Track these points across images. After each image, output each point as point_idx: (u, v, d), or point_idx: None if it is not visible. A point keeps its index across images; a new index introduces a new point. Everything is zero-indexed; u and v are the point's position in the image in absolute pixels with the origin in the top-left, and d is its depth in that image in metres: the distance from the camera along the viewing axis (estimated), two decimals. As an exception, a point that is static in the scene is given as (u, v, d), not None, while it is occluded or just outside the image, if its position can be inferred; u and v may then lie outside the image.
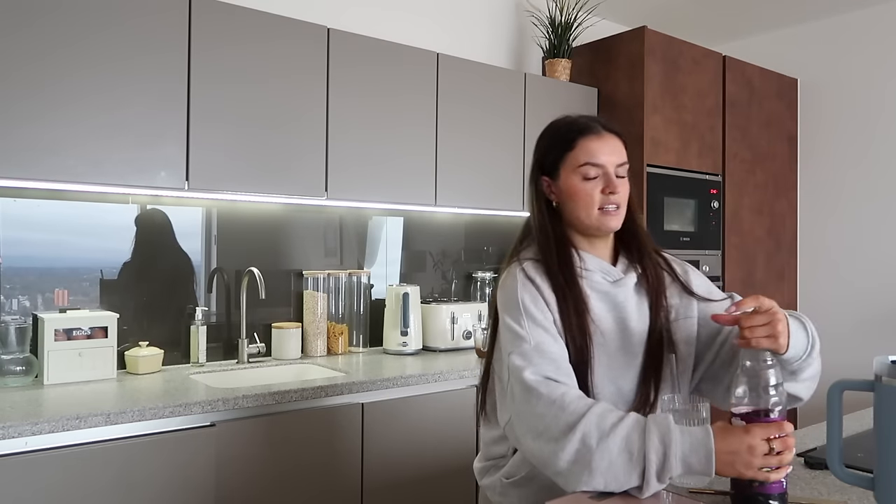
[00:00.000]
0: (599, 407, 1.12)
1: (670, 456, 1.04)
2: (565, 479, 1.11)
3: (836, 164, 3.80)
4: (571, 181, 1.29)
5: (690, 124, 3.32)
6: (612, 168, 1.28)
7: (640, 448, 1.06)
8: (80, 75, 1.97)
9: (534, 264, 1.29)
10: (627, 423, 1.09)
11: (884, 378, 0.99)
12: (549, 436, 1.12)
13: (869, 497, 1.12)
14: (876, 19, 3.64)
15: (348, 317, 2.84)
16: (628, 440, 1.07)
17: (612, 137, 1.30)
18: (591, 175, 1.27)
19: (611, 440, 1.07)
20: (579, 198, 1.28)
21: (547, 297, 1.25)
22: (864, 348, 3.60)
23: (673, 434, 1.06)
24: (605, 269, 1.31)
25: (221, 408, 1.89)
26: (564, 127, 1.32)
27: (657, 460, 1.05)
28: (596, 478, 1.07)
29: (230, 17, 2.24)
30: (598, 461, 1.07)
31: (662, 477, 1.05)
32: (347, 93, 2.49)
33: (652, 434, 1.06)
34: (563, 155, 1.30)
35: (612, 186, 1.27)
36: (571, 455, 1.09)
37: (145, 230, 2.41)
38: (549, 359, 1.20)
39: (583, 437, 1.08)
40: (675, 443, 1.05)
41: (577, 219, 1.30)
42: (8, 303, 2.15)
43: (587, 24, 3.47)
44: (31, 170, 1.91)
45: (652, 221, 3.14)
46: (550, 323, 1.23)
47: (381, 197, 2.62)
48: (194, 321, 2.43)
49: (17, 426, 1.60)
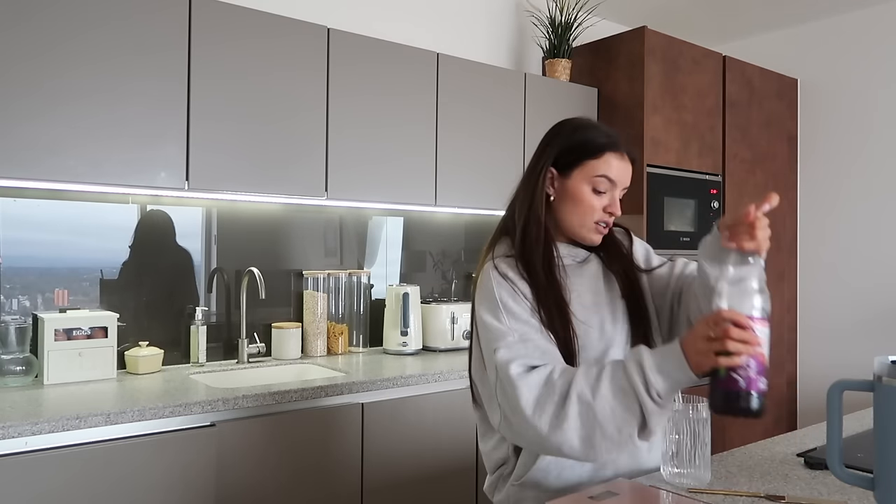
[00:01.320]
0: (582, 367, 1.17)
1: (647, 371, 1.08)
2: (583, 451, 1.12)
3: (835, 164, 3.80)
4: (581, 187, 1.29)
5: (690, 124, 3.32)
6: (620, 189, 1.31)
7: (624, 378, 1.10)
8: (80, 75, 1.97)
9: (506, 260, 1.30)
10: (609, 367, 1.14)
11: (884, 378, 0.99)
12: (549, 416, 1.13)
13: (869, 497, 1.12)
14: (876, 19, 3.64)
15: (348, 317, 2.84)
16: (614, 379, 1.11)
17: (629, 163, 1.33)
18: (601, 188, 1.29)
19: (602, 387, 1.11)
20: (582, 206, 1.29)
21: (524, 292, 1.26)
22: (864, 348, 3.60)
23: (643, 353, 1.11)
24: (572, 253, 1.36)
25: (221, 408, 1.89)
26: (596, 134, 1.31)
27: (640, 380, 1.09)
28: (608, 429, 1.10)
29: (230, 17, 2.24)
30: (601, 411, 1.10)
31: (651, 394, 1.08)
32: (347, 92, 2.49)
33: (629, 362, 1.12)
34: (585, 160, 1.29)
35: (614, 206, 1.30)
36: (576, 420, 1.11)
37: (145, 230, 2.41)
38: (535, 346, 1.21)
39: (579, 397, 1.12)
40: (646, 359, 1.10)
41: (568, 222, 1.31)
42: (8, 303, 2.15)
43: (587, 24, 3.47)
44: (31, 170, 1.91)
45: (652, 221, 3.14)
46: (530, 316, 1.24)
47: (381, 197, 2.62)
48: (194, 321, 2.43)
49: (17, 426, 1.60)
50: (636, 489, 1.17)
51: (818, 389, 3.78)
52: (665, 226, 3.22)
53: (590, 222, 1.29)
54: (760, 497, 1.16)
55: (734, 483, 1.24)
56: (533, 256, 1.27)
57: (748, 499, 1.15)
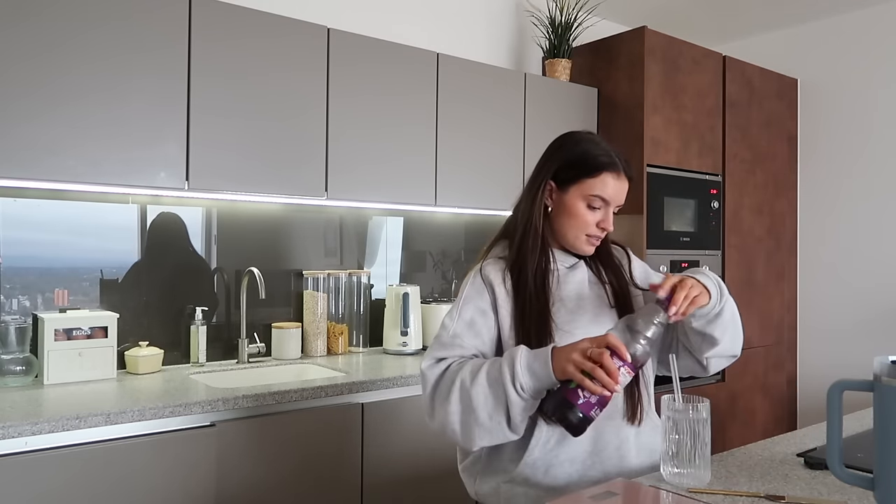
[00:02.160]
0: (479, 359, 1.28)
1: (516, 365, 1.18)
2: (462, 434, 1.22)
3: (835, 164, 3.80)
4: (576, 203, 1.35)
5: (690, 124, 3.32)
6: (614, 206, 1.37)
7: (497, 370, 1.20)
8: (80, 75, 1.97)
9: (496, 264, 1.37)
10: (492, 360, 1.24)
11: (884, 378, 0.99)
12: (439, 401, 1.25)
13: (869, 497, 1.12)
14: (876, 19, 3.64)
15: (348, 317, 2.84)
16: (490, 370, 1.21)
17: (626, 182, 1.38)
18: (595, 205, 1.35)
19: (480, 376, 1.21)
20: (576, 220, 1.36)
21: (497, 298, 1.33)
22: (864, 348, 3.60)
23: (520, 351, 1.21)
24: (562, 259, 1.41)
25: (221, 408, 1.89)
26: (595, 151, 1.37)
27: (509, 373, 1.18)
28: (480, 415, 1.20)
29: (230, 17, 2.24)
30: (475, 398, 1.20)
31: (516, 386, 1.17)
32: (347, 93, 2.49)
33: (506, 356, 1.22)
34: (583, 178, 1.35)
35: (606, 223, 1.36)
36: (457, 405, 1.22)
37: (144, 230, 2.41)
38: (458, 346, 1.30)
39: (461, 383, 1.22)
40: (520, 356, 1.19)
41: (563, 233, 1.38)
42: (8, 303, 2.15)
43: (587, 24, 3.47)
44: (31, 170, 1.91)
45: (652, 221, 3.14)
46: (485, 325, 1.32)
47: (381, 197, 2.62)
48: (194, 321, 2.43)
49: (17, 426, 1.60)
50: (636, 489, 1.17)
51: (818, 389, 3.78)
52: (665, 226, 3.21)
53: (583, 236, 1.36)
54: (760, 497, 1.16)
55: (734, 483, 1.24)
56: (527, 263, 1.34)
57: (748, 499, 1.15)
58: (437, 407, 1.26)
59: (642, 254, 3.08)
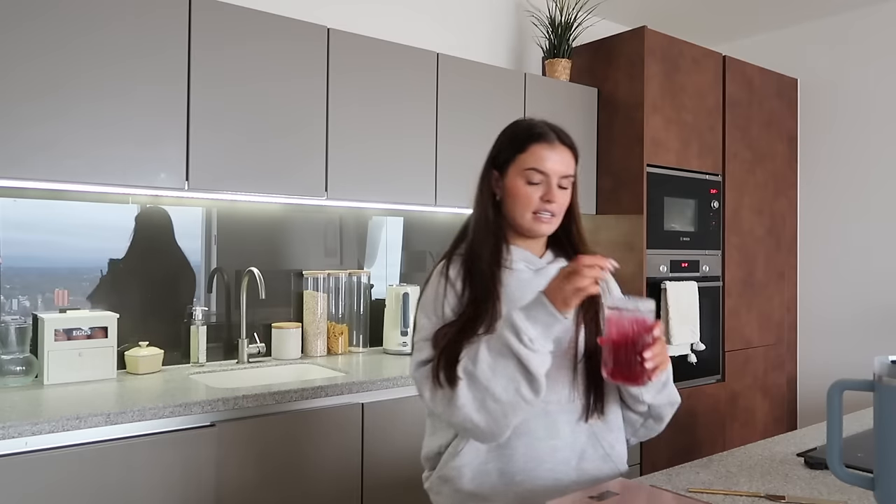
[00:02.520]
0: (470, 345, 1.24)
1: (515, 320, 1.17)
2: (484, 421, 1.19)
3: (836, 164, 3.80)
4: (515, 182, 1.33)
5: (690, 124, 3.31)
6: (556, 178, 1.32)
7: (497, 340, 1.19)
8: (80, 75, 1.97)
9: (456, 260, 1.36)
10: (486, 338, 1.22)
11: (884, 378, 0.99)
12: (448, 399, 1.21)
13: (869, 497, 1.12)
14: (876, 19, 3.64)
15: (348, 317, 2.84)
16: (490, 344, 1.20)
17: (564, 149, 1.34)
18: (534, 180, 1.32)
19: (481, 355, 1.19)
20: (518, 199, 1.33)
21: (458, 290, 1.32)
22: (864, 348, 3.60)
23: (512, 311, 1.20)
24: (528, 259, 1.37)
25: (221, 408, 1.89)
26: (523, 129, 1.37)
27: (511, 332, 1.17)
28: (495, 390, 1.17)
29: (230, 17, 2.24)
30: (482, 375, 1.17)
31: (524, 340, 1.16)
32: (347, 93, 2.49)
33: (502, 325, 1.20)
34: (515, 155, 1.35)
35: (550, 195, 1.31)
36: (467, 395, 1.18)
37: (145, 230, 2.41)
38: (434, 343, 1.28)
39: (464, 370, 1.20)
40: (515, 314, 1.19)
41: (512, 218, 1.35)
42: (8, 303, 2.15)
43: (587, 24, 3.47)
44: (31, 170, 1.91)
45: (652, 221, 3.14)
46: (449, 313, 1.30)
47: (381, 197, 2.62)
48: (194, 321, 2.43)
49: (17, 426, 1.60)
50: (636, 489, 1.17)
51: (818, 389, 3.78)
52: (665, 226, 3.21)
53: (529, 214, 1.32)
54: (760, 497, 1.16)
55: (734, 483, 1.24)
56: (482, 252, 1.33)
57: (748, 499, 1.16)
58: (446, 407, 1.22)
59: (642, 254, 3.09)
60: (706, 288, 3.36)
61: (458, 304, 1.31)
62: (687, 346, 3.23)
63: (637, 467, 3.04)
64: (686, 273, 3.29)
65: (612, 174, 3.23)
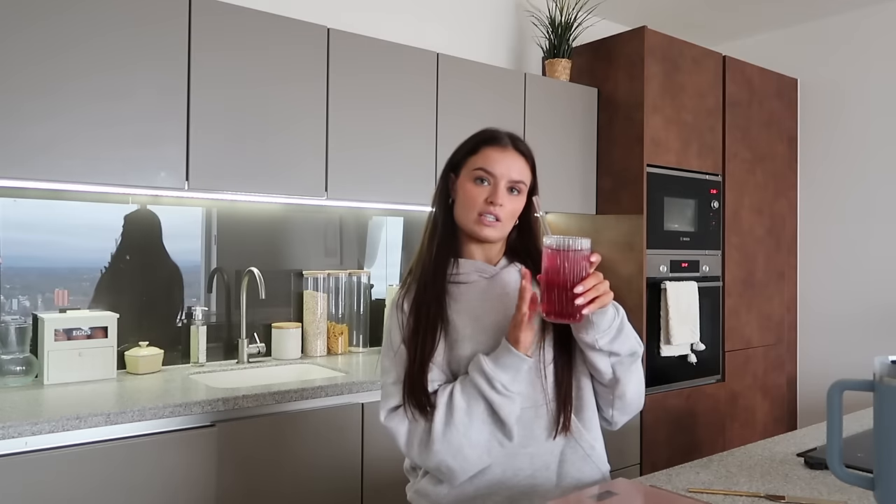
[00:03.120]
0: (441, 391, 1.24)
1: (484, 367, 1.20)
2: (458, 468, 1.21)
3: (836, 164, 3.80)
4: (465, 183, 1.33)
5: (690, 124, 3.31)
6: (504, 181, 1.30)
7: (471, 385, 1.21)
8: (81, 75, 1.97)
9: (412, 288, 1.35)
10: (458, 381, 1.24)
11: (884, 378, 0.99)
12: (423, 447, 1.23)
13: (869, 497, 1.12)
14: (876, 19, 3.64)
15: (348, 317, 2.84)
16: (464, 388, 1.22)
17: (515, 154, 1.33)
18: (482, 180, 1.31)
19: (456, 402, 1.21)
20: (466, 199, 1.32)
21: (409, 314, 1.32)
22: (864, 348, 3.60)
23: (480, 357, 1.22)
24: (480, 269, 1.35)
25: (221, 408, 1.89)
26: (479, 134, 1.38)
27: (482, 379, 1.20)
28: (472, 435, 1.20)
29: (230, 17, 2.24)
30: (460, 422, 1.20)
31: (489, 376, 1.19)
32: (347, 93, 2.49)
33: (472, 370, 1.22)
34: (467, 157, 1.35)
35: (495, 197, 1.29)
36: (442, 442, 1.20)
37: (145, 230, 2.41)
38: (401, 387, 1.27)
39: (441, 417, 1.21)
40: (483, 360, 1.21)
41: (459, 219, 1.34)
42: (8, 303, 2.15)
43: (587, 24, 3.47)
44: (31, 170, 1.91)
45: (652, 221, 3.14)
46: (403, 345, 1.29)
47: (381, 197, 2.62)
48: (194, 321, 2.43)
49: (17, 426, 1.60)
50: (636, 489, 1.17)
51: (818, 389, 3.78)
52: (665, 226, 3.21)
53: (474, 215, 1.30)
54: (760, 497, 1.16)
55: (734, 483, 1.24)
56: (425, 272, 1.32)
57: (748, 499, 1.16)
58: (421, 452, 1.23)
59: (642, 254, 3.09)
60: (706, 288, 3.36)
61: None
62: (687, 346, 3.23)
63: (637, 467, 3.04)
64: (686, 273, 3.29)
65: (612, 174, 3.23)
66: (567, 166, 3.14)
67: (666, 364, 3.20)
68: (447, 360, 1.28)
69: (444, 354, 1.28)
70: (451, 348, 1.28)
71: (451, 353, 1.28)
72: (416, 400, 1.23)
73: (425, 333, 1.27)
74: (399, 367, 1.28)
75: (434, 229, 1.36)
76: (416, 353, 1.26)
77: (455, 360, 1.28)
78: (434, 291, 1.30)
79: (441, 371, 1.28)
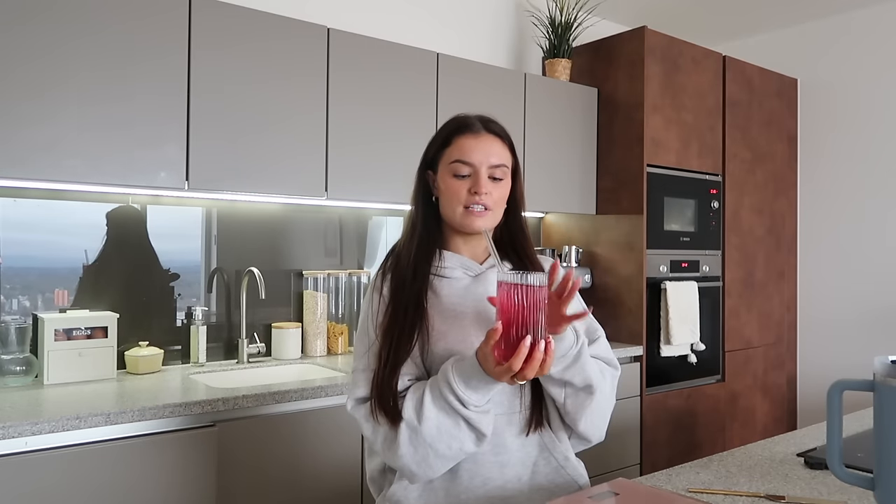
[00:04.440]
0: (410, 392, 1.18)
1: (455, 388, 1.12)
2: (422, 473, 1.16)
3: (836, 164, 3.80)
4: (445, 178, 1.28)
5: (690, 124, 3.32)
6: (485, 168, 1.26)
7: (441, 399, 1.14)
8: (81, 75, 1.97)
9: (389, 269, 1.30)
10: (427, 388, 1.16)
11: (884, 378, 0.99)
12: (388, 444, 1.17)
13: (869, 497, 1.13)
14: (876, 19, 3.64)
15: (348, 317, 2.84)
16: (434, 399, 1.14)
17: (491, 137, 1.29)
18: (461, 173, 1.26)
19: (427, 412, 1.14)
20: (449, 195, 1.27)
21: (384, 297, 1.27)
22: (864, 348, 3.61)
23: (448, 365, 1.15)
24: (465, 265, 1.30)
25: (221, 408, 1.89)
26: (449, 124, 1.33)
27: (448, 391, 1.13)
28: (439, 447, 1.14)
29: (230, 17, 2.24)
30: (428, 433, 1.14)
31: (461, 398, 1.12)
32: (347, 92, 2.49)
33: (437, 379, 1.16)
34: (442, 151, 1.30)
35: (478, 187, 1.25)
36: (408, 446, 1.14)
37: (145, 230, 2.41)
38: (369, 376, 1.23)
39: (408, 424, 1.15)
40: (450, 370, 1.14)
41: (446, 215, 1.30)
42: (8, 303, 2.15)
43: (587, 24, 3.47)
44: (31, 170, 1.91)
45: (652, 221, 3.14)
46: (379, 331, 1.25)
47: (381, 197, 2.62)
48: (194, 321, 2.43)
49: (17, 426, 1.60)
50: (636, 489, 1.17)
51: (818, 389, 3.78)
52: (665, 226, 3.21)
53: (459, 209, 1.26)
54: (760, 497, 1.16)
55: (734, 483, 1.24)
56: (407, 259, 1.28)
57: (748, 499, 1.16)
58: (386, 450, 1.18)
59: (642, 254, 3.09)
60: (706, 288, 3.36)
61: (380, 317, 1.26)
62: (687, 346, 3.23)
63: (637, 467, 3.04)
64: (686, 273, 3.29)
65: (612, 174, 3.23)
66: (567, 166, 3.14)
67: (666, 364, 3.20)
68: (421, 354, 1.23)
69: (419, 348, 1.23)
70: (426, 343, 1.23)
71: (426, 348, 1.23)
72: (384, 405, 1.18)
73: (400, 335, 1.21)
74: (371, 358, 1.24)
75: (413, 229, 1.31)
76: (388, 354, 1.21)
77: (429, 356, 1.23)
78: (413, 290, 1.24)
79: (414, 364, 1.23)
